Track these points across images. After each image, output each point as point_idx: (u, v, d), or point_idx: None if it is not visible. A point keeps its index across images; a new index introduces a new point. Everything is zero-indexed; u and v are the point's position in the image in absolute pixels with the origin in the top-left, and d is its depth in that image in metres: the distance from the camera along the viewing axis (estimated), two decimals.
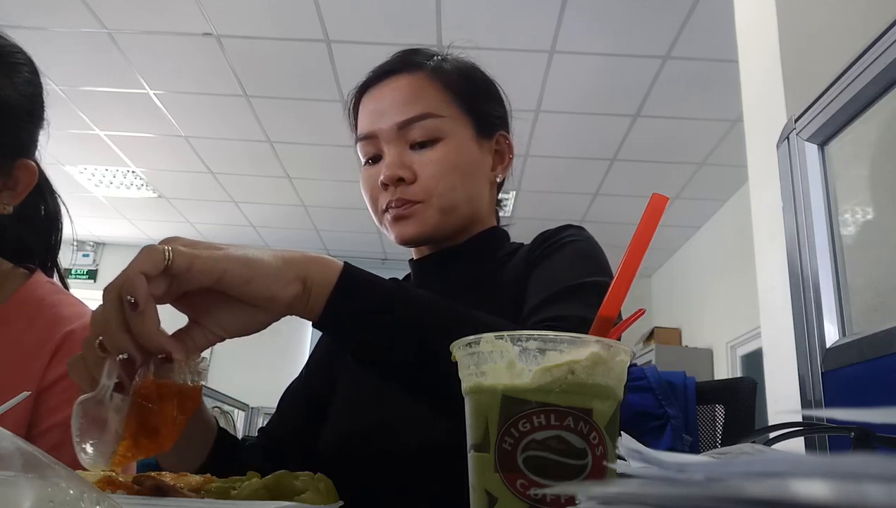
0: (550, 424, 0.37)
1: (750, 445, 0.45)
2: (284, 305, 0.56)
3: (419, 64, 0.91)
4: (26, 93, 0.87)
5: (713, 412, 1.17)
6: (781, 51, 1.84)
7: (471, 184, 0.89)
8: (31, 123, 0.88)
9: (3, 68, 0.84)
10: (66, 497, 0.29)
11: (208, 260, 0.52)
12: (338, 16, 3.19)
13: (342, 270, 0.59)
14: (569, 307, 0.73)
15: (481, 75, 0.96)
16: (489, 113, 0.93)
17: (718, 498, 0.17)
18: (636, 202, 4.92)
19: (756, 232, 1.96)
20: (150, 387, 0.50)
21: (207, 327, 0.56)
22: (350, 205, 5.39)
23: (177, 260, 0.51)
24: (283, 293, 0.56)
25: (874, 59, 1.27)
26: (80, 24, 3.29)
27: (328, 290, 0.58)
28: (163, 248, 0.51)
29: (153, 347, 0.51)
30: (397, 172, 0.85)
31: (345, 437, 0.83)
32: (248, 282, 0.54)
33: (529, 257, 0.86)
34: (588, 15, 3.10)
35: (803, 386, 1.43)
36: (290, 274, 0.56)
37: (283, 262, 0.56)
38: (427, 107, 0.86)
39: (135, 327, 0.50)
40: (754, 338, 4.38)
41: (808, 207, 1.46)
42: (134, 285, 0.49)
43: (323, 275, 0.58)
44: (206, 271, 0.52)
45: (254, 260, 0.55)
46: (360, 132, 0.91)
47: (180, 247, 0.52)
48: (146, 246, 0.51)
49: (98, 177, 5.09)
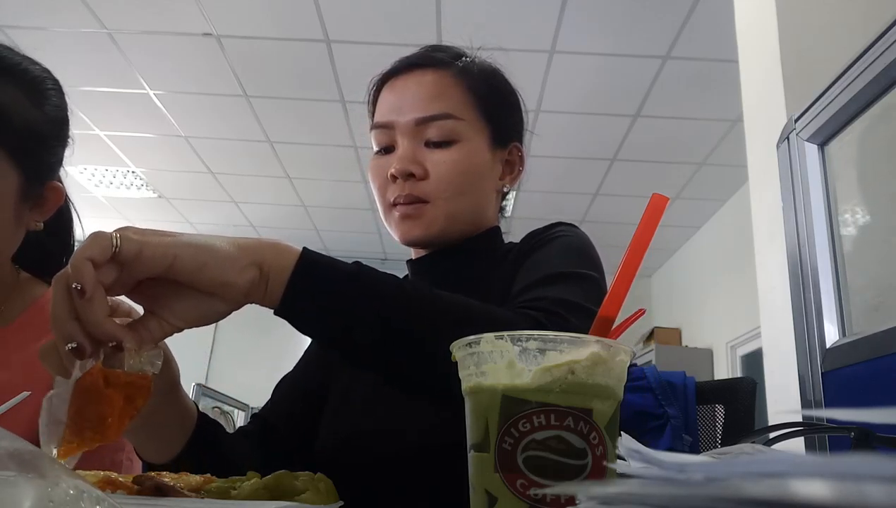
0: (550, 424, 0.37)
1: (750, 445, 0.45)
2: (241, 292, 0.55)
3: (446, 62, 0.90)
4: (55, 118, 0.90)
5: (713, 412, 1.17)
6: (781, 51, 1.84)
7: (478, 190, 0.89)
8: (59, 146, 0.91)
9: (34, 97, 0.86)
10: (66, 497, 0.29)
11: (158, 246, 0.51)
12: (338, 16, 3.19)
13: (300, 255, 0.58)
14: (549, 290, 0.73)
15: (505, 83, 0.96)
16: (507, 122, 0.94)
17: (718, 498, 0.17)
18: (636, 202, 4.92)
19: (756, 232, 1.96)
20: (97, 376, 0.48)
21: (163, 317, 0.54)
22: (350, 205, 5.39)
23: (125, 246, 0.50)
24: (238, 279, 0.54)
25: (874, 59, 1.27)
26: (80, 24, 3.29)
27: (286, 276, 0.57)
28: (111, 235, 0.50)
29: (102, 335, 0.49)
30: (409, 167, 0.85)
31: (344, 437, 0.83)
32: (201, 269, 0.52)
33: (519, 254, 0.87)
34: (588, 15, 3.10)
35: (803, 386, 1.43)
36: (245, 260, 0.55)
37: (237, 248, 0.55)
38: (448, 108, 0.86)
39: (83, 314, 0.49)
40: (754, 338, 4.38)
41: (808, 207, 1.46)
42: (81, 272, 0.48)
43: (280, 261, 0.57)
44: (157, 257, 0.51)
45: (206, 246, 0.53)
46: (377, 120, 0.90)
47: (129, 234, 0.51)
48: (93, 232, 0.50)
49: (98, 177, 5.09)
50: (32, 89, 0.86)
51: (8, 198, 0.83)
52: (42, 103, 0.87)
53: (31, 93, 0.86)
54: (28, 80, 0.86)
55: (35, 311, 0.92)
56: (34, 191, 0.87)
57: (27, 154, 0.85)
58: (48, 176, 0.90)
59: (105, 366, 0.50)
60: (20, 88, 0.85)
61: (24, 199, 0.86)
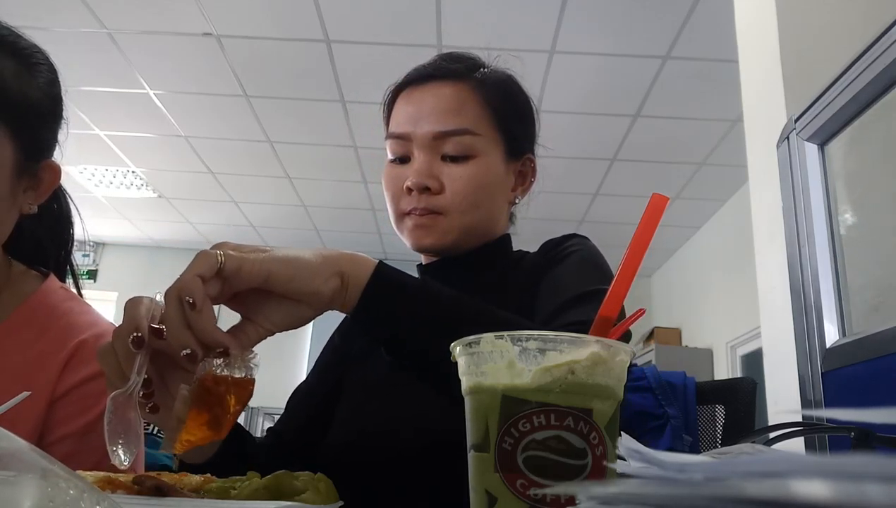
0: (550, 424, 0.37)
1: (750, 445, 0.45)
2: (326, 299, 0.61)
3: (463, 74, 0.91)
4: (49, 93, 0.87)
5: (713, 412, 1.17)
6: (781, 51, 1.84)
7: (492, 204, 0.90)
8: (54, 124, 0.89)
9: (26, 69, 0.84)
10: (66, 497, 0.29)
11: (255, 262, 0.57)
12: (338, 16, 3.18)
13: (375, 267, 0.64)
14: (587, 311, 0.75)
15: (521, 94, 0.97)
16: (521, 135, 0.95)
17: (718, 498, 0.17)
18: (636, 202, 4.92)
19: (756, 232, 1.96)
20: (211, 379, 0.55)
21: (258, 323, 0.60)
22: (350, 205, 5.39)
23: (228, 263, 0.56)
24: (323, 288, 0.60)
25: (874, 59, 1.27)
26: (80, 24, 3.29)
27: (362, 285, 0.63)
28: (216, 253, 0.56)
29: (212, 342, 0.55)
30: (425, 181, 0.86)
31: (348, 439, 0.83)
32: (292, 280, 0.59)
33: (537, 265, 0.88)
34: (588, 15, 3.09)
35: (803, 386, 1.43)
36: (329, 271, 0.61)
37: (322, 259, 0.61)
38: (466, 123, 0.87)
39: (194, 325, 0.54)
40: (754, 338, 4.38)
41: (808, 207, 1.46)
42: (192, 287, 0.54)
43: (358, 271, 0.63)
44: (254, 272, 0.57)
45: (296, 259, 0.59)
46: (394, 130, 0.91)
47: (230, 251, 0.57)
48: (201, 251, 0.56)
49: (98, 177, 5.09)
50: (23, 61, 0.84)
51: (3, 170, 0.80)
52: (34, 74, 0.85)
53: (21, 65, 0.84)
54: (18, 51, 0.84)
55: (30, 308, 0.89)
56: (29, 168, 0.84)
57: (22, 125, 0.82)
58: (43, 153, 0.87)
59: (214, 369, 0.56)
60: (11, 59, 0.83)
61: (19, 175, 0.83)
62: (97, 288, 6.47)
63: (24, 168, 0.84)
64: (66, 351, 0.86)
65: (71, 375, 0.85)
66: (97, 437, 0.84)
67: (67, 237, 1.00)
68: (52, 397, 0.84)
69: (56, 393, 0.84)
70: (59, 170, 0.89)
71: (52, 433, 0.83)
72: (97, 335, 0.89)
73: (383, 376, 0.85)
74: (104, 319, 0.94)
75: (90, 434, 0.83)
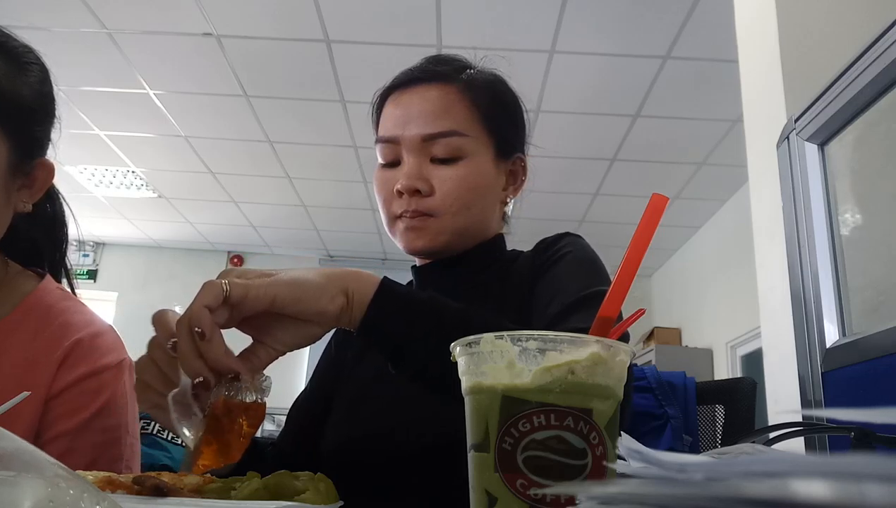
0: (550, 424, 0.37)
1: (750, 445, 0.45)
2: (333, 317, 0.62)
3: (450, 76, 0.91)
4: (40, 91, 0.88)
5: (713, 412, 1.17)
6: (781, 51, 1.84)
7: (483, 204, 0.90)
8: (46, 122, 0.89)
9: (17, 68, 0.85)
10: (66, 497, 0.29)
11: (260, 287, 0.58)
12: (338, 16, 3.18)
13: (380, 284, 0.65)
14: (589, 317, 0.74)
15: (509, 94, 0.96)
16: (511, 134, 0.95)
17: (718, 498, 0.17)
18: (636, 202, 4.92)
19: (756, 232, 1.96)
20: (222, 406, 0.56)
21: (269, 344, 0.62)
22: (350, 205, 5.39)
23: (234, 291, 0.57)
24: (330, 307, 0.61)
25: (874, 59, 1.27)
26: (80, 24, 3.29)
27: (367, 302, 0.63)
28: (221, 282, 0.58)
29: (223, 369, 0.56)
30: (415, 184, 0.86)
31: (346, 440, 0.83)
32: (299, 301, 0.60)
33: (533, 265, 0.88)
34: (588, 15, 3.09)
35: (803, 386, 1.43)
36: (334, 289, 0.62)
37: (327, 279, 0.62)
38: (454, 125, 0.87)
39: (205, 353, 0.55)
40: (754, 338, 4.38)
41: (808, 207, 1.46)
42: (200, 318, 0.55)
43: (363, 288, 0.64)
44: (260, 297, 0.58)
45: (301, 280, 0.60)
46: (382, 134, 0.91)
47: (235, 279, 0.58)
48: (206, 282, 0.58)
49: (98, 177, 5.09)
50: (14, 60, 0.85)
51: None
52: (26, 73, 0.86)
53: (12, 64, 0.84)
54: (9, 51, 0.85)
55: (27, 308, 0.89)
56: (23, 166, 0.85)
57: (14, 124, 0.83)
58: (37, 151, 0.87)
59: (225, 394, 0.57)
60: (2, 59, 0.83)
61: (13, 174, 0.84)
62: (97, 288, 6.47)
63: (17, 166, 0.84)
64: (61, 350, 0.86)
65: (66, 374, 0.85)
66: (91, 435, 0.84)
67: (62, 237, 1.01)
68: (48, 395, 0.84)
69: (51, 392, 0.84)
70: (52, 168, 0.89)
71: (48, 431, 0.83)
72: (92, 334, 0.89)
73: (382, 376, 0.85)
74: (100, 319, 0.94)
75: (84, 433, 0.84)
